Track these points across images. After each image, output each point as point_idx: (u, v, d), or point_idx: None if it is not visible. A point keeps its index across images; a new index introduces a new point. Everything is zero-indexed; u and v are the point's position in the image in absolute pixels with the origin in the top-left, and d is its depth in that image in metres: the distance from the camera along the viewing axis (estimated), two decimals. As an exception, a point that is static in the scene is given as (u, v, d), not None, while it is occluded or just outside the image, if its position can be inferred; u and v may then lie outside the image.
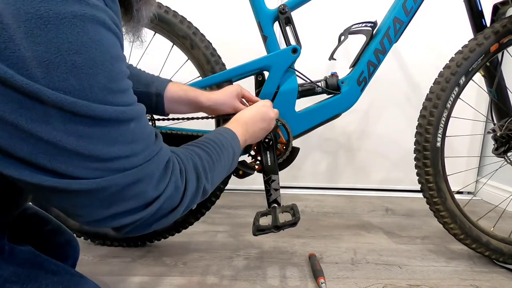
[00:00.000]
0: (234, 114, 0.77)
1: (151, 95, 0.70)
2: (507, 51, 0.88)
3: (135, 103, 0.37)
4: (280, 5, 0.81)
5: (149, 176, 0.38)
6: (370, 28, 0.83)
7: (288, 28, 0.83)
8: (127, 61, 0.71)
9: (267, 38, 0.82)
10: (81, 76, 0.31)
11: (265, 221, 0.71)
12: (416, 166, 0.88)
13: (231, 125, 0.62)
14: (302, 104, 0.85)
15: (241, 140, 0.60)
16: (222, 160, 0.52)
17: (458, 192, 1.54)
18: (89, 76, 0.31)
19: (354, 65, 0.85)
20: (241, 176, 0.81)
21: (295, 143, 0.82)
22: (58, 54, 0.29)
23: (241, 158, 0.73)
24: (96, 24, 0.31)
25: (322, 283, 0.77)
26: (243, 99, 0.78)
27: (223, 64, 0.88)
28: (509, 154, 0.92)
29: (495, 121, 0.96)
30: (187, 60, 0.89)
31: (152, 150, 0.39)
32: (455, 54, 0.85)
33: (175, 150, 0.46)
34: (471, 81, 0.85)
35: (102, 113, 0.32)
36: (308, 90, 0.84)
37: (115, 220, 0.37)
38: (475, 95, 1.45)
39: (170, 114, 0.77)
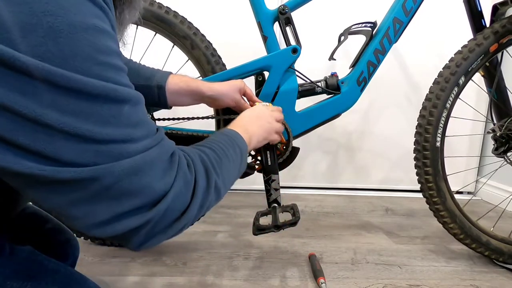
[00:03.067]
0: (234, 111, 0.77)
1: (153, 88, 0.70)
2: (507, 51, 0.88)
3: (130, 86, 0.34)
4: (280, 6, 0.81)
5: (151, 166, 0.34)
6: (370, 29, 0.83)
7: (288, 28, 0.83)
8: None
9: (267, 38, 0.83)
10: (60, 41, 0.27)
11: (265, 220, 0.72)
12: (416, 166, 0.88)
13: (231, 126, 0.61)
14: (302, 104, 0.85)
15: (246, 139, 0.58)
16: (229, 157, 0.50)
17: (458, 192, 1.53)
18: (70, 42, 0.28)
19: (354, 65, 0.85)
20: (241, 176, 0.81)
21: (295, 143, 0.82)
22: (34, 16, 0.26)
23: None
24: None
25: (322, 283, 0.77)
26: (244, 97, 0.78)
27: (223, 64, 0.88)
28: (509, 154, 0.93)
29: (495, 121, 0.96)
30: (187, 61, 0.89)
31: (153, 139, 0.36)
32: (454, 54, 0.85)
33: (180, 146, 0.43)
34: (470, 81, 0.86)
35: (88, 86, 0.29)
36: (308, 90, 0.84)
37: (120, 223, 0.33)
38: (475, 95, 1.45)
39: (170, 114, 0.77)
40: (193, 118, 0.83)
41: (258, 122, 0.66)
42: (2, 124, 0.26)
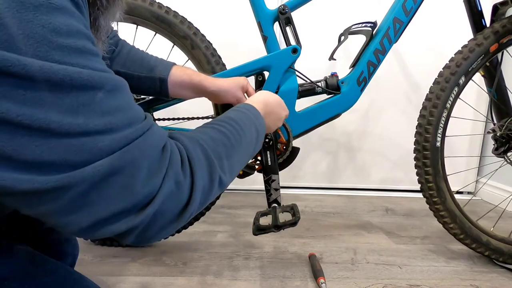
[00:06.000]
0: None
1: (155, 79, 0.69)
2: (507, 51, 0.88)
3: (104, 70, 0.30)
4: (280, 6, 0.81)
5: (133, 165, 0.30)
6: (370, 28, 0.83)
7: (288, 28, 0.83)
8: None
9: (267, 38, 0.82)
10: (6, 22, 0.24)
11: (265, 221, 0.71)
12: (416, 166, 0.88)
13: (252, 100, 0.57)
14: (302, 104, 0.85)
15: (264, 117, 0.54)
16: (243, 143, 0.45)
17: (458, 192, 1.54)
18: (18, 21, 0.24)
19: (354, 65, 0.85)
20: (241, 176, 0.81)
21: (295, 143, 0.82)
22: None
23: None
24: None
25: (322, 283, 0.77)
26: (245, 95, 0.78)
27: (224, 65, 0.88)
28: (509, 154, 0.92)
29: (495, 121, 0.96)
30: (187, 61, 0.89)
31: (137, 128, 0.31)
32: (454, 54, 0.85)
33: (180, 136, 0.39)
34: (471, 81, 0.85)
35: (45, 71, 0.25)
36: (308, 90, 0.84)
37: (104, 228, 0.30)
38: (475, 95, 1.45)
39: (170, 114, 0.77)
40: (193, 118, 0.83)
41: (279, 112, 0.63)
42: None
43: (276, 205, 0.76)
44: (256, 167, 0.80)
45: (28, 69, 0.24)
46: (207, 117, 0.82)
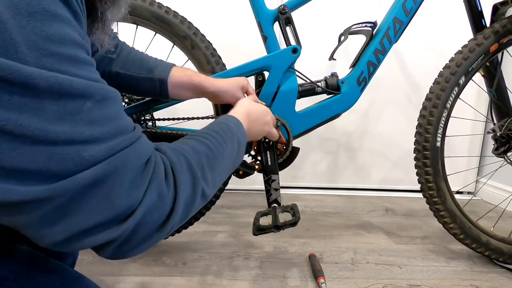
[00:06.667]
0: None
1: (155, 80, 0.69)
2: (507, 51, 0.88)
3: (95, 80, 0.30)
4: (280, 5, 0.81)
5: (116, 177, 0.29)
6: (370, 28, 0.83)
7: (288, 28, 0.83)
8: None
9: (267, 38, 0.82)
10: None
11: (265, 221, 0.71)
12: (416, 166, 0.88)
13: (234, 111, 0.58)
14: (302, 104, 0.85)
15: (246, 129, 0.56)
16: (225, 155, 0.46)
17: (458, 192, 1.54)
18: (10, 26, 0.24)
19: (354, 65, 0.85)
20: (241, 176, 0.81)
21: (295, 143, 0.82)
22: None
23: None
24: None
25: (322, 283, 0.77)
26: (245, 95, 0.78)
27: (223, 65, 0.88)
28: (509, 154, 0.92)
29: (495, 121, 0.96)
30: (187, 61, 0.89)
31: (125, 138, 0.31)
32: (455, 54, 0.85)
33: (164, 146, 0.38)
34: (471, 81, 0.85)
35: (34, 78, 0.25)
36: (308, 90, 0.84)
37: (81, 241, 0.29)
38: (475, 95, 1.45)
39: (170, 114, 0.77)
40: (193, 118, 0.83)
41: (262, 121, 0.65)
42: None
43: (276, 205, 0.76)
44: (256, 167, 0.80)
45: (16, 74, 0.24)
46: (207, 117, 0.82)
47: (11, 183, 0.25)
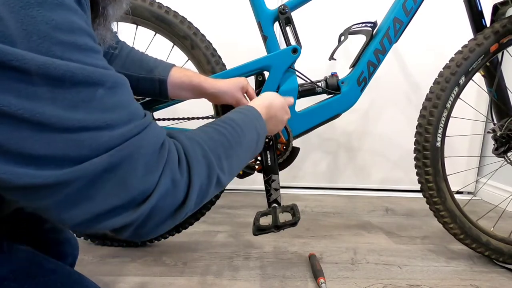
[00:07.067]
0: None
1: (154, 80, 0.70)
2: (507, 51, 0.88)
3: (105, 67, 0.30)
4: (280, 5, 0.81)
5: (131, 161, 0.30)
6: (370, 28, 0.83)
7: (288, 28, 0.83)
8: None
9: (267, 38, 0.82)
10: (11, 18, 0.24)
11: (265, 221, 0.71)
12: (416, 166, 0.88)
13: (255, 103, 0.57)
14: (302, 104, 0.85)
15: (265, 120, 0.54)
16: (243, 144, 0.45)
17: (458, 192, 1.54)
18: (21, 17, 0.25)
19: (354, 65, 0.85)
20: (241, 176, 0.81)
21: (295, 143, 0.82)
22: None
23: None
24: None
25: (322, 283, 0.77)
26: (245, 95, 0.78)
27: (224, 64, 0.88)
28: (509, 154, 0.93)
29: (495, 121, 0.96)
30: (187, 61, 0.89)
31: (137, 124, 0.31)
32: (455, 54, 0.85)
33: (179, 134, 0.39)
34: (471, 81, 0.85)
35: (48, 66, 0.25)
36: (308, 90, 0.84)
37: (99, 223, 0.30)
38: (475, 95, 1.45)
39: (170, 114, 0.77)
40: (193, 118, 0.83)
41: (281, 114, 0.62)
42: None
43: (276, 205, 0.76)
44: (256, 167, 0.80)
45: (30, 64, 0.25)
46: (207, 117, 0.82)
47: (32, 168, 0.26)
